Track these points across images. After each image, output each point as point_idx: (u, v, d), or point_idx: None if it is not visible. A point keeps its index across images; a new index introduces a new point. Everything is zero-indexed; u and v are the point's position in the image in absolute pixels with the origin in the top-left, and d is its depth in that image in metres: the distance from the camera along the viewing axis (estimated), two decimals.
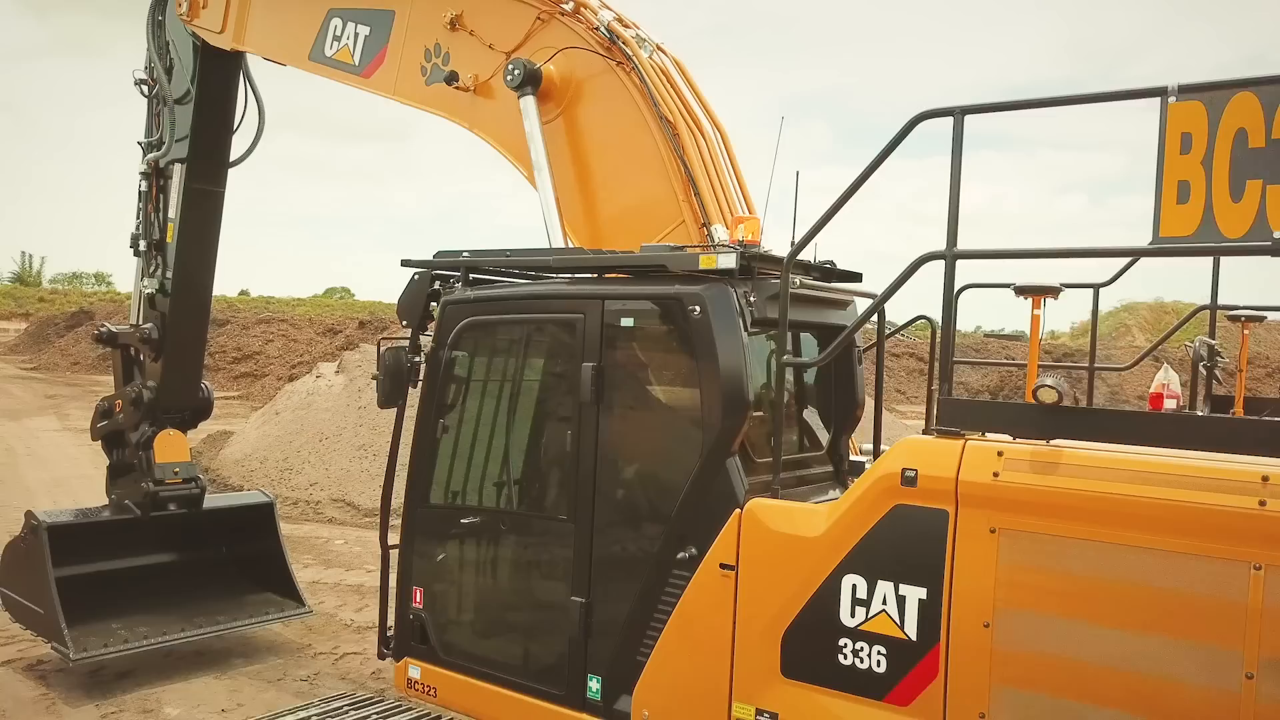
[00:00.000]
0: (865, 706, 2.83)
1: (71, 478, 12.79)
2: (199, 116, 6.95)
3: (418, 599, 3.90)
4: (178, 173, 7.02)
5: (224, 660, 7.00)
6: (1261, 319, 4.71)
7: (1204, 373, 4.69)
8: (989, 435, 2.78)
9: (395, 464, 3.96)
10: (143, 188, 7.22)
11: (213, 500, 7.52)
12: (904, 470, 2.75)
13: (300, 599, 7.48)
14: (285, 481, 12.90)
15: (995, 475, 2.63)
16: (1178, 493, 2.38)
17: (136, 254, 7.33)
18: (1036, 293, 3.07)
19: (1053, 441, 2.66)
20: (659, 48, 4.89)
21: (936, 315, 3.35)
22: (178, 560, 7.41)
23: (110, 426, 7.27)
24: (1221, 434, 2.63)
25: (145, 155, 7.23)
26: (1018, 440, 2.70)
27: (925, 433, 2.90)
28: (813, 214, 3.09)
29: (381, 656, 4.09)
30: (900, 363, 54.09)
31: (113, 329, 7.17)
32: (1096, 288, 4.47)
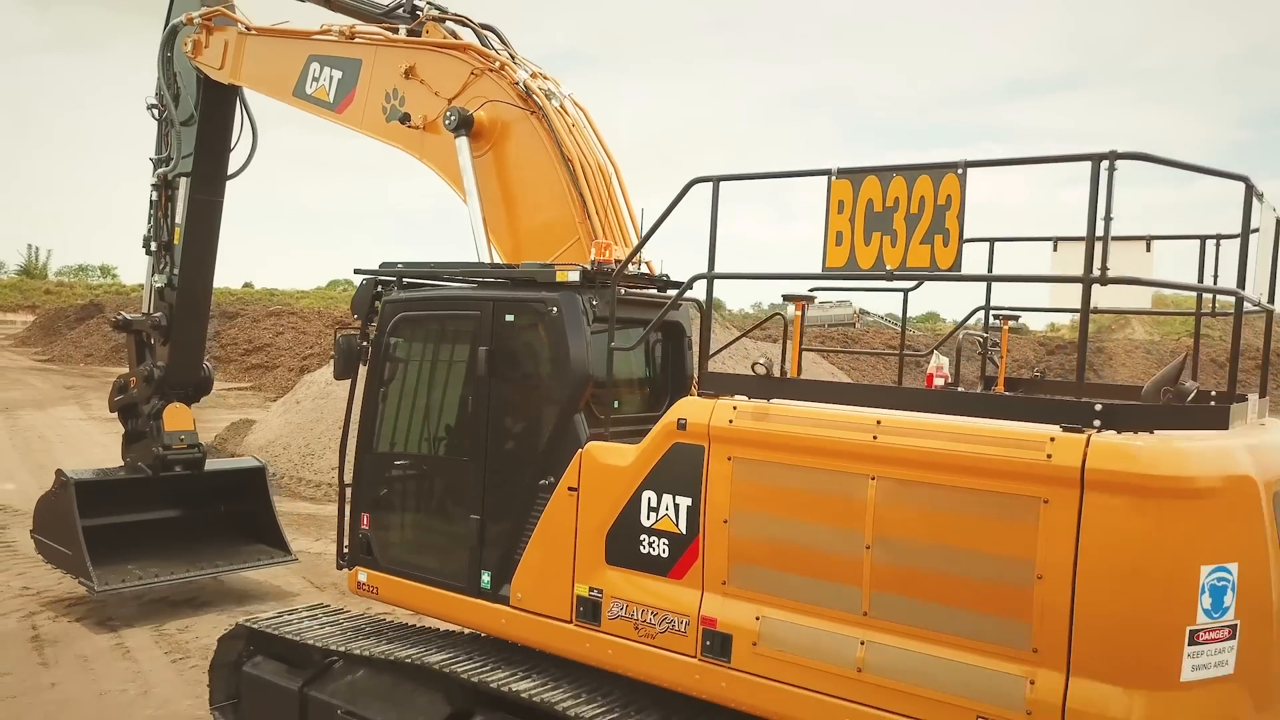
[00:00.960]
0: (655, 581, 4.27)
1: (104, 462, 14.47)
2: (201, 137, 8.41)
3: (365, 523, 5.38)
4: (183, 185, 8.50)
5: (240, 600, 8.57)
6: (1017, 318, 6.08)
7: (982, 358, 6.07)
8: (737, 396, 4.20)
9: (349, 423, 5.43)
10: (153, 197, 8.69)
11: (212, 464, 9.03)
12: (679, 419, 4.19)
13: (287, 548, 9.01)
14: (307, 465, 14.43)
15: (731, 422, 4.05)
16: (827, 431, 3.81)
17: (148, 253, 8.80)
18: (797, 299, 4.50)
19: (772, 400, 4.09)
20: (571, 98, 6.32)
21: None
22: (183, 515, 8.96)
23: (125, 400, 8.76)
24: (883, 396, 4.06)
25: (155, 170, 8.71)
26: (751, 399, 4.13)
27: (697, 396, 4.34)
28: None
29: (339, 567, 5.58)
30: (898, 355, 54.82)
31: (128, 317, 8.66)
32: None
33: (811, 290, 4.54)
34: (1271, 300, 4.65)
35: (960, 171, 3.56)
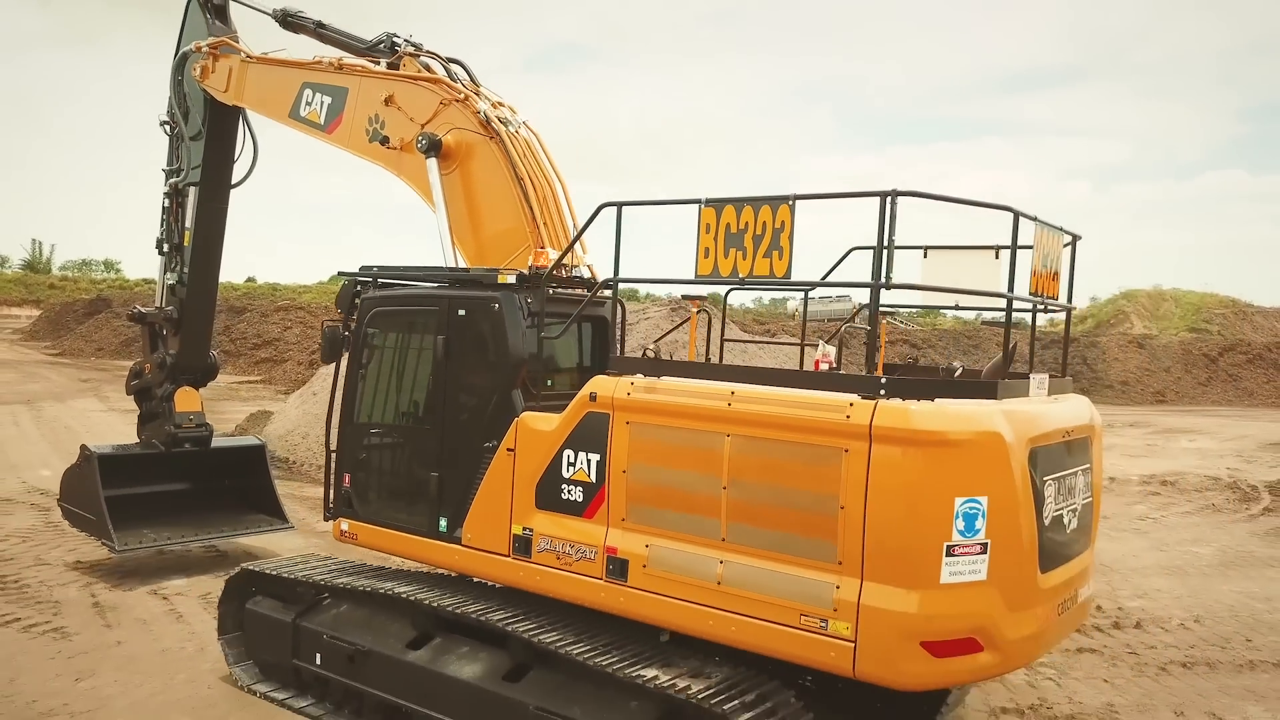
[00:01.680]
0: (572, 520, 5.50)
1: None
2: (208, 151, 9.66)
3: (347, 482, 6.64)
4: (192, 193, 9.75)
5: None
6: (894, 313, 7.28)
7: (864, 347, 7.26)
8: (636, 375, 5.42)
9: (334, 399, 6.69)
10: (165, 204, 9.96)
11: (218, 442, 10.30)
12: (591, 394, 5.41)
13: (285, 518, 10.28)
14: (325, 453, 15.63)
15: (629, 395, 5.28)
16: (695, 400, 5.03)
17: (160, 253, 10.07)
18: (694, 298, 5.73)
19: (660, 378, 5.31)
20: (526, 125, 7.53)
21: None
22: (191, 487, 10.23)
23: (141, 384, 10.04)
24: (738, 374, 5.28)
25: (167, 179, 9.97)
26: (645, 377, 5.35)
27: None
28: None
29: (326, 519, 6.83)
30: (894, 349, 56.51)
31: (143, 310, 9.94)
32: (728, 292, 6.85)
33: (684, 296, 5.75)
34: (1070, 300, 5.84)
35: (791, 203, 4.78)
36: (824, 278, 6.47)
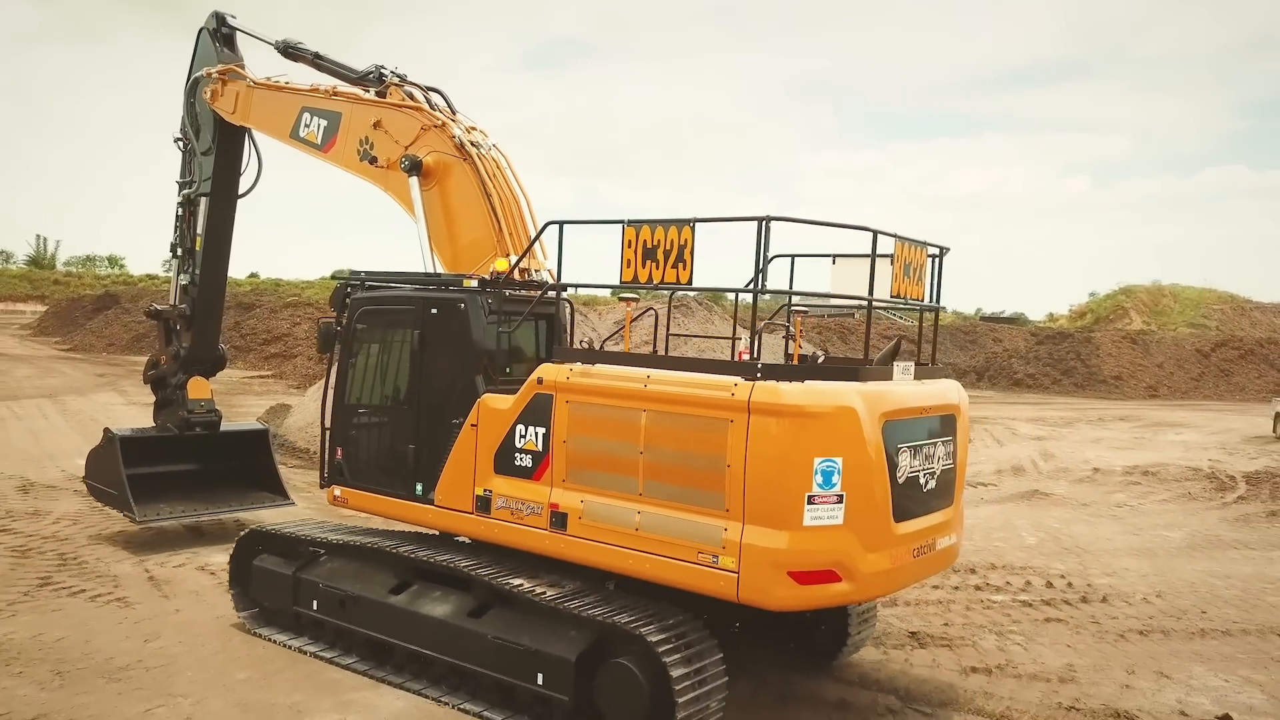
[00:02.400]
0: (523, 482, 6.82)
1: None
2: (218, 165, 11.00)
3: (339, 454, 7.98)
4: (203, 203, 11.09)
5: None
6: (805, 313, 8.55)
7: (785, 342, 8.55)
8: (575, 363, 6.72)
9: (327, 384, 8.02)
10: (179, 212, 11.31)
11: (226, 426, 11.65)
12: (539, 378, 6.73)
13: (286, 494, 11.62)
14: None
15: (568, 379, 6.60)
16: (619, 383, 6.34)
17: (174, 256, 11.42)
18: (628, 300, 7.04)
19: (594, 365, 6.62)
20: (496, 148, 8.83)
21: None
22: (202, 467, 11.59)
23: (156, 374, 11.40)
24: (654, 361, 6.59)
25: (180, 191, 11.32)
26: (581, 364, 6.66)
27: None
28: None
29: (321, 486, 8.18)
30: (889, 343, 57.35)
31: (159, 308, 11.30)
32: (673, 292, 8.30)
33: (623, 297, 7.05)
34: (937, 301, 7.14)
35: (691, 225, 6.09)
36: (748, 283, 7.77)
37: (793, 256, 8.10)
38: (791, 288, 7.35)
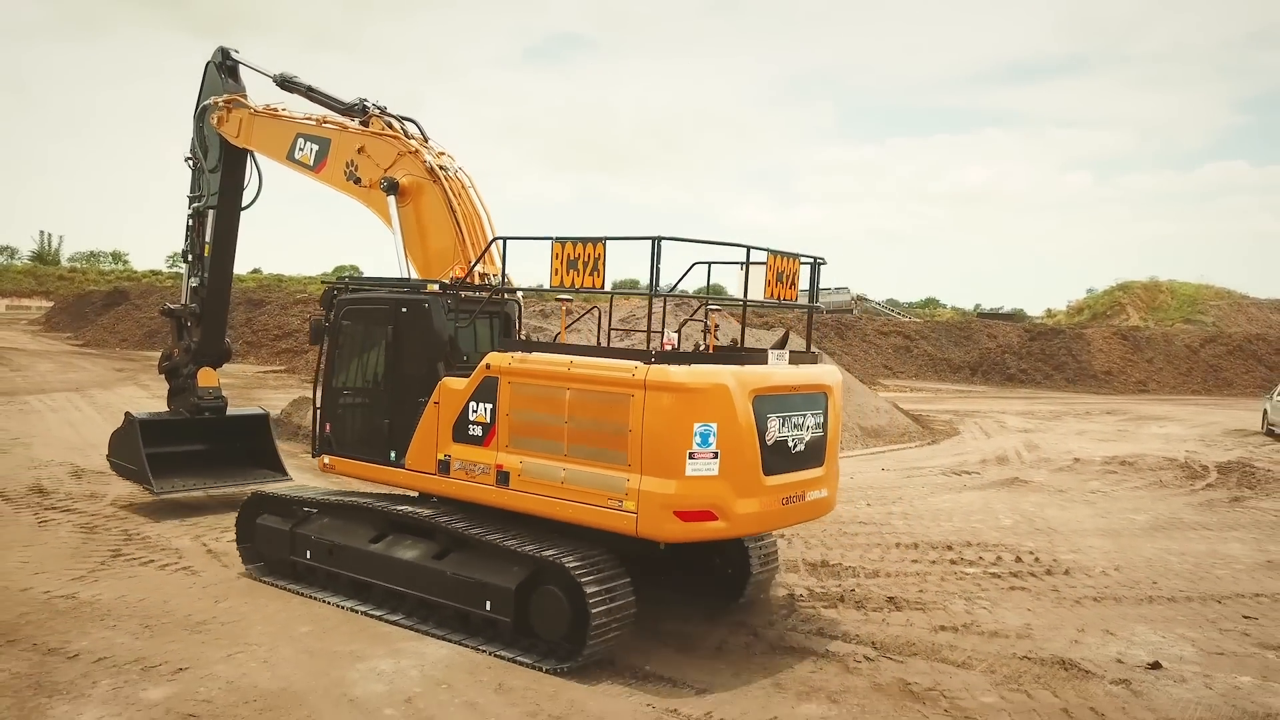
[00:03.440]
0: (475, 448, 8.72)
1: None
2: (223, 181, 12.92)
3: (328, 429, 9.91)
4: (211, 215, 13.01)
5: None
6: (719, 310, 10.42)
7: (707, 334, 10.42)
8: (516, 351, 8.60)
9: (318, 370, 9.94)
10: (189, 223, 13.23)
11: (231, 411, 13.59)
12: (487, 364, 8.63)
13: (284, 471, 13.56)
14: None
15: (510, 364, 8.49)
16: (548, 366, 8.24)
17: (185, 261, 13.36)
18: (564, 301, 8.94)
19: (531, 353, 8.50)
20: (461, 170, 10.73)
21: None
22: (209, 447, 13.53)
23: (170, 365, 13.36)
24: (578, 350, 8.48)
25: (190, 204, 13.24)
26: (521, 352, 8.54)
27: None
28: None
29: (313, 455, 10.12)
30: (888, 340, 59.41)
31: (172, 307, 13.27)
32: (616, 296, 10.07)
33: (559, 298, 8.94)
34: (813, 300, 9.02)
35: (603, 243, 7.96)
36: (672, 288, 9.62)
37: (709, 264, 9.95)
38: (709, 290, 9.20)
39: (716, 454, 7.73)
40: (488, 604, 8.39)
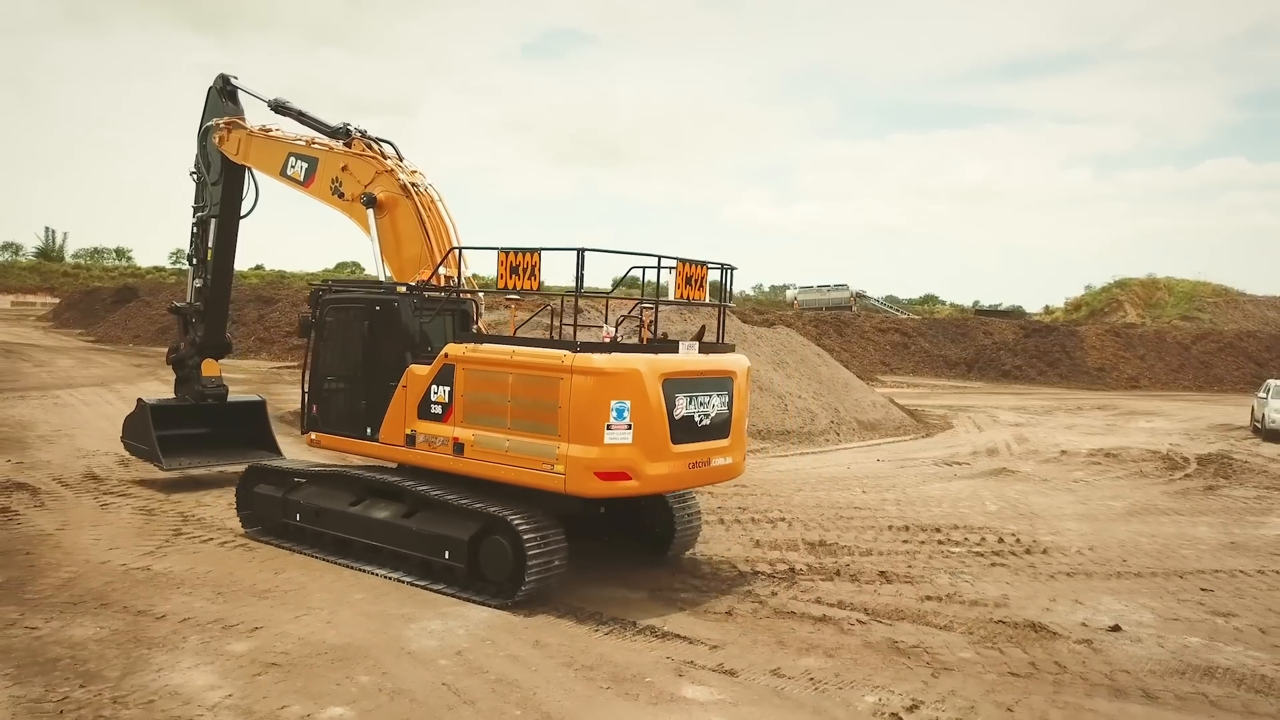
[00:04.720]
0: (436, 424, 10.78)
1: None
2: (224, 193, 15.03)
3: (314, 409, 12.00)
4: (213, 223, 15.10)
5: None
6: (651, 306, 12.41)
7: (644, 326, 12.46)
8: (469, 343, 10.64)
9: (306, 359, 12.02)
10: (194, 230, 15.34)
11: (231, 398, 15.72)
12: (445, 353, 10.69)
13: (279, 452, 15.66)
14: None
15: (464, 354, 10.55)
16: (496, 355, 10.30)
17: (190, 264, 15.48)
18: (513, 302, 11.02)
19: (482, 344, 10.55)
20: (431, 186, 12.78)
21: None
22: (212, 430, 15.64)
23: (177, 356, 15.49)
24: (521, 342, 10.53)
25: (195, 214, 15.36)
26: (474, 343, 10.59)
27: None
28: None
29: (302, 432, 12.21)
30: (886, 337, 61.41)
31: (179, 305, 15.41)
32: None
33: (511, 300, 11.02)
34: (724, 299, 11.06)
35: (539, 253, 10.00)
36: (613, 289, 11.69)
37: (644, 268, 11.97)
38: (645, 292, 11.20)
39: (630, 426, 9.77)
40: (446, 553, 10.44)
